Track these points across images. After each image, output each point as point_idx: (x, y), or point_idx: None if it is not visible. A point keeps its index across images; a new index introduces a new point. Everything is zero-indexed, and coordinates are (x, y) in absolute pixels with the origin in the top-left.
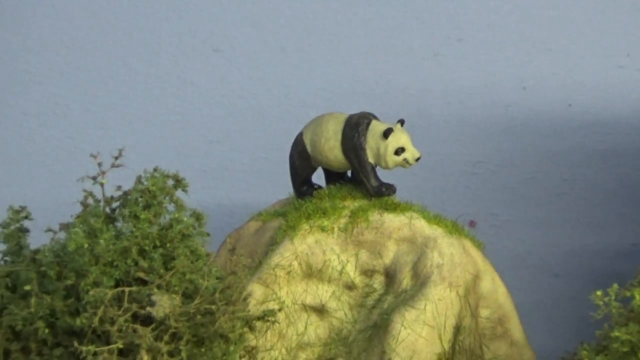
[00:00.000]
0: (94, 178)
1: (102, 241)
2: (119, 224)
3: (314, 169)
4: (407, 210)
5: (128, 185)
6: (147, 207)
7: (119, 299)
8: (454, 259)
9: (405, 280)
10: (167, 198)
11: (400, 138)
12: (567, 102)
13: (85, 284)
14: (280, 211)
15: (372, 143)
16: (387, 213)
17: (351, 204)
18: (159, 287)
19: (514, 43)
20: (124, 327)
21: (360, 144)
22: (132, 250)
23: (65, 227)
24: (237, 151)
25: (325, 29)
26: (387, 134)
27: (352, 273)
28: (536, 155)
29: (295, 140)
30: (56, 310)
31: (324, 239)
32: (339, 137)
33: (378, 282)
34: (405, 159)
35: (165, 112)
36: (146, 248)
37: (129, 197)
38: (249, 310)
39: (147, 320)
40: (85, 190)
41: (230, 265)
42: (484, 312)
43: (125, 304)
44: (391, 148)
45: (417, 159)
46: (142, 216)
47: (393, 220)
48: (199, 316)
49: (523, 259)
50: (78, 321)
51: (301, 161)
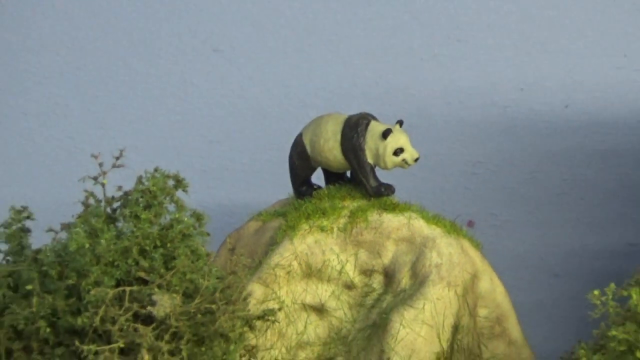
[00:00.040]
0: (95, 178)
1: (103, 241)
2: (119, 224)
3: (314, 170)
4: (406, 210)
5: (128, 185)
6: (147, 207)
7: (120, 299)
8: (453, 259)
9: (404, 280)
10: (168, 198)
11: (399, 139)
12: (566, 102)
13: (87, 284)
14: (280, 211)
15: (371, 144)
16: (386, 213)
17: (350, 204)
18: (159, 286)
19: (514, 44)
20: (125, 327)
21: (359, 144)
22: (133, 250)
23: (67, 227)
24: (237, 151)
25: (325, 29)
26: (386, 134)
27: (352, 273)
28: (536, 155)
29: (295, 140)
30: (58, 309)
31: (323, 239)
32: (338, 137)
33: (377, 281)
34: (404, 160)
35: (165, 112)
36: (147, 248)
37: (129, 197)
38: (249, 310)
39: (148, 319)
40: (86, 191)
41: (230, 265)
42: (482, 312)
43: (126, 304)
44: (390, 149)
45: (415, 160)
46: (143, 216)
47: (392, 220)
48: (199, 315)
49: (523, 259)
50: (79, 320)
51: (301, 162)
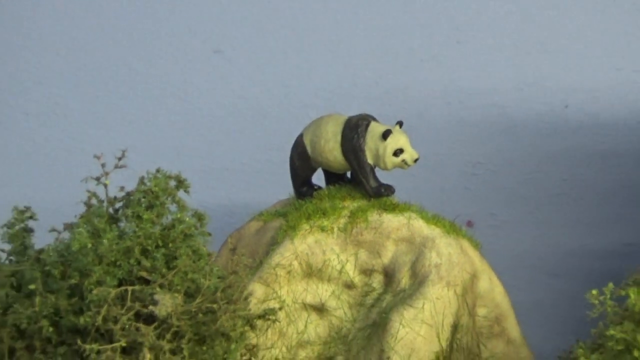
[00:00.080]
0: (98, 179)
1: (105, 241)
2: (122, 224)
3: (314, 170)
4: (405, 210)
5: (128, 185)
6: (149, 207)
7: (122, 298)
8: (452, 259)
9: (404, 280)
10: (170, 198)
11: (398, 139)
12: (566, 102)
13: (89, 283)
14: (280, 211)
15: (371, 144)
16: (386, 213)
17: (350, 205)
18: (161, 286)
19: (513, 44)
20: (127, 326)
21: (359, 145)
22: (135, 250)
23: (69, 227)
24: (237, 151)
25: (325, 29)
26: (385, 135)
27: (352, 272)
28: (535, 155)
29: (296, 141)
30: (60, 309)
31: (323, 238)
32: (339, 138)
33: (377, 281)
34: (403, 160)
35: (165, 112)
36: (149, 248)
37: (131, 197)
38: (249, 309)
39: (149, 318)
40: (89, 191)
41: (231, 265)
42: (481, 311)
43: (128, 303)
44: (390, 149)
45: (415, 160)
46: (145, 216)
47: (392, 221)
48: (200, 315)
49: (522, 259)
50: (82, 320)
51: (301, 162)
